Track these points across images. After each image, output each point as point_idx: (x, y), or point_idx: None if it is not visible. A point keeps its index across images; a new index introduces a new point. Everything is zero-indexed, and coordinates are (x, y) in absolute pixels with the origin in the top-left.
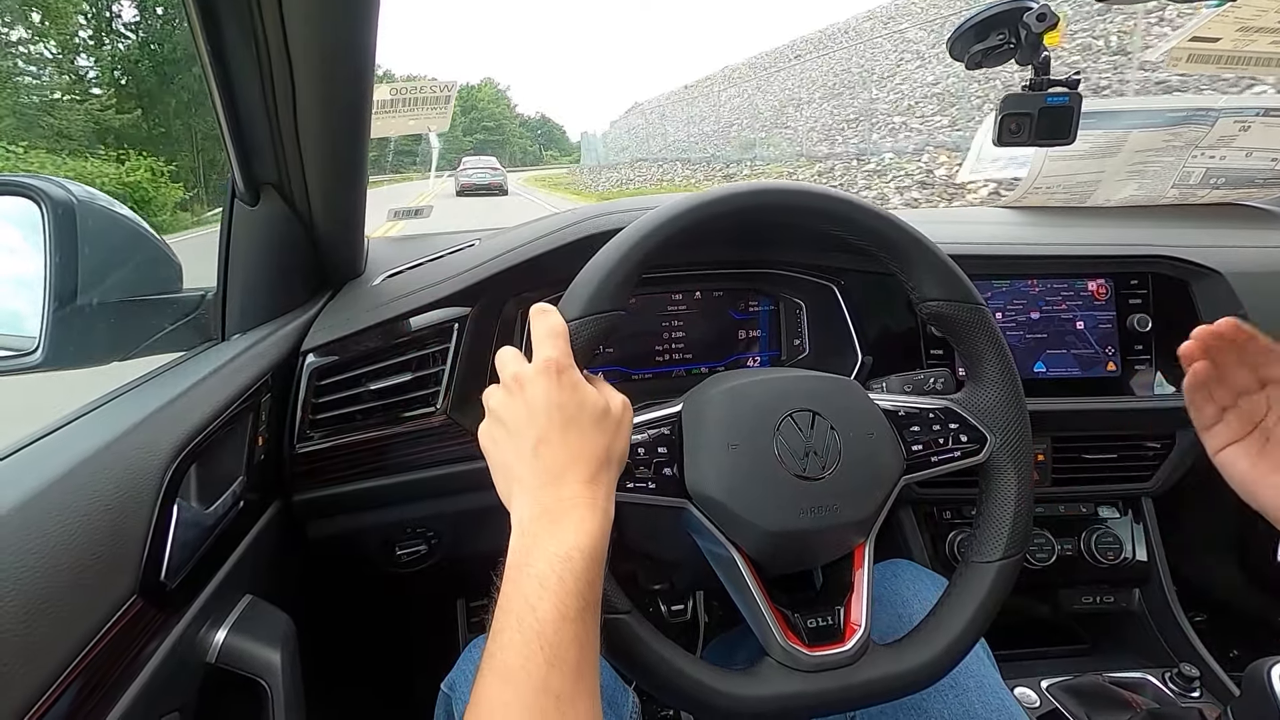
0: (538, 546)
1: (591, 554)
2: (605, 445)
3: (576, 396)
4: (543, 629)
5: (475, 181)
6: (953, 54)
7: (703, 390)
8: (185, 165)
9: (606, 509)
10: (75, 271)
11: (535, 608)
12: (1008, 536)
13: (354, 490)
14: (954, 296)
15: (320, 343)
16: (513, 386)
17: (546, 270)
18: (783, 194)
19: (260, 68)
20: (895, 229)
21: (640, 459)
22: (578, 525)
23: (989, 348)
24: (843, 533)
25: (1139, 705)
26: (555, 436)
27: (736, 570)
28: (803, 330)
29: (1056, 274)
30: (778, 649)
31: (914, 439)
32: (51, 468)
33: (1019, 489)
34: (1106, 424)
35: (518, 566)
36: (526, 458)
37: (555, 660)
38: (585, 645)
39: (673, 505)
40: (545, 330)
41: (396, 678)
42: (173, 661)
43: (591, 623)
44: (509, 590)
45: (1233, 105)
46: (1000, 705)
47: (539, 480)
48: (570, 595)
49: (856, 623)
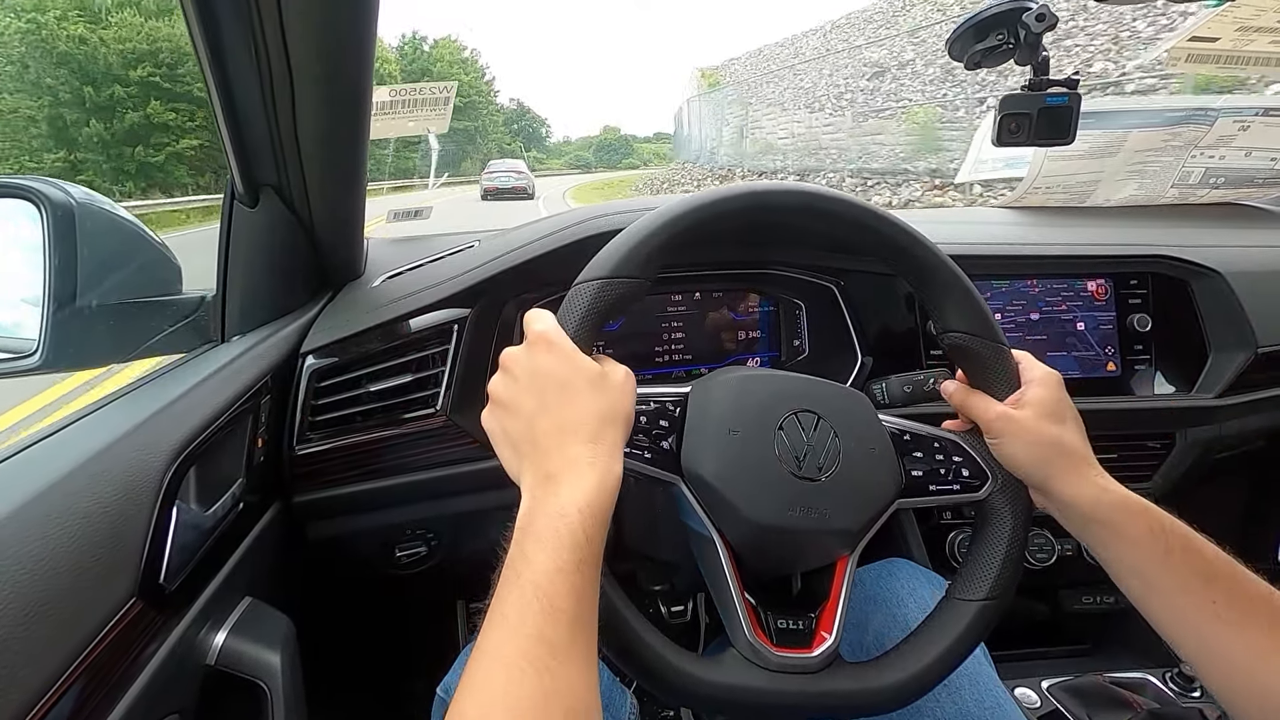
0: (539, 508)
1: (589, 510)
2: (606, 405)
3: (569, 363)
4: (538, 580)
5: (500, 185)
6: (952, 54)
7: (713, 377)
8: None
9: (608, 466)
10: (75, 273)
11: (532, 562)
12: (993, 579)
13: (353, 492)
14: (979, 332)
15: (320, 344)
16: (507, 365)
17: (546, 271)
18: (819, 199)
19: (259, 69)
20: (930, 253)
21: (640, 428)
22: (574, 483)
23: (1005, 390)
24: (828, 539)
25: (1139, 705)
26: (552, 403)
27: (716, 556)
28: (802, 331)
29: (1056, 274)
30: (743, 641)
31: (914, 465)
32: (51, 470)
33: (1013, 534)
34: (1106, 424)
35: (521, 529)
36: (527, 430)
37: (550, 610)
38: (582, 598)
39: (664, 479)
40: (532, 315)
41: (396, 679)
42: (172, 663)
43: (590, 576)
44: (511, 551)
45: (1232, 105)
46: (995, 704)
47: (541, 449)
48: (565, 549)
49: (826, 634)
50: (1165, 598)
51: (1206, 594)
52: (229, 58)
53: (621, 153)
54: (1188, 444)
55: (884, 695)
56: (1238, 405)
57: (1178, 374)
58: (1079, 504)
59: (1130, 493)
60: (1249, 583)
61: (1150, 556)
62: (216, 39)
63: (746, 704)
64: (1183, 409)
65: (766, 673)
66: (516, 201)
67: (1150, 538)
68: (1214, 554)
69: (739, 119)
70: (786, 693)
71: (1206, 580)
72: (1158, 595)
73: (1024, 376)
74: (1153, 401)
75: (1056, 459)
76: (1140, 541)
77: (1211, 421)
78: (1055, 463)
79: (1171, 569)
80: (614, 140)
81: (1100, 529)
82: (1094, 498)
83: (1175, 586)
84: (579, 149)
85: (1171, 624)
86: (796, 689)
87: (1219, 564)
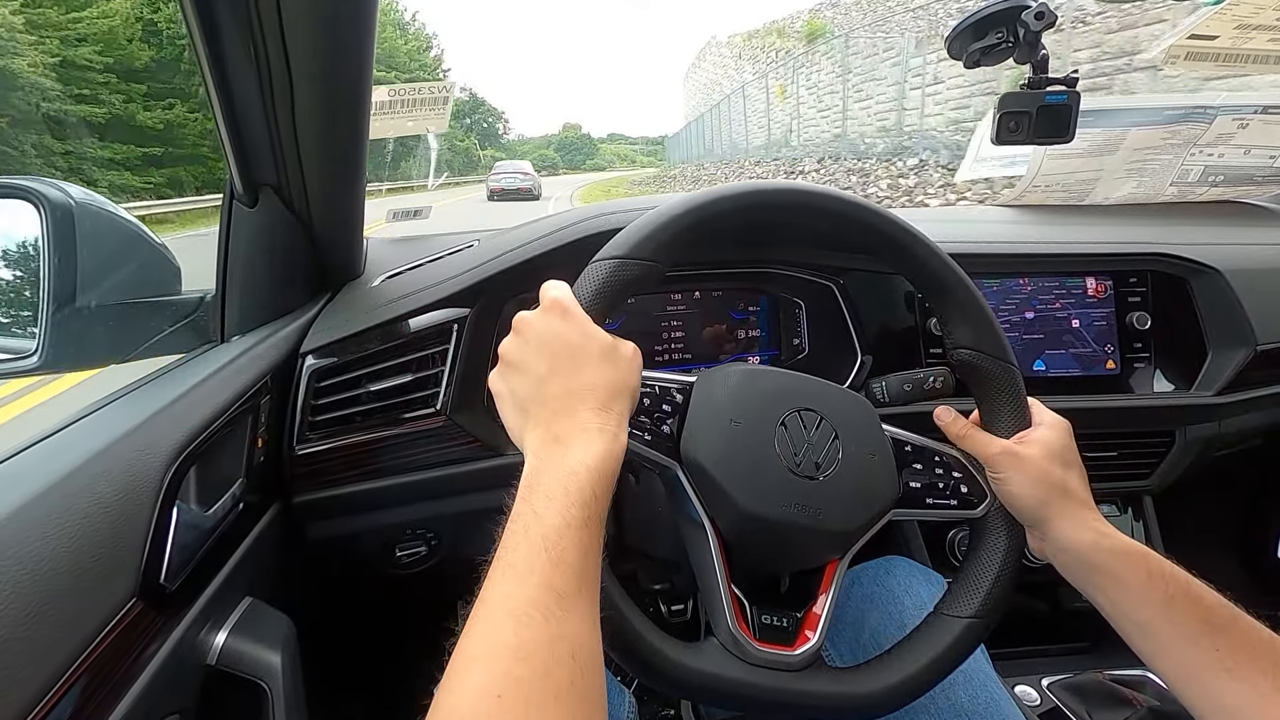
0: (546, 468)
1: (599, 471)
2: (617, 376)
3: (583, 330)
4: (547, 533)
5: (505, 186)
6: (951, 52)
7: (719, 369)
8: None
9: (617, 434)
10: (74, 273)
11: (541, 516)
12: (983, 598)
13: (354, 492)
14: (989, 350)
15: (320, 344)
16: (520, 328)
17: (546, 270)
18: (835, 202)
19: (259, 69)
20: (949, 270)
21: (643, 409)
22: (585, 446)
23: (1009, 408)
24: (820, 539)
25: (1139, 703)
26: (564, 366)
27: (705, 543)
28: (802, 330)
29: (1055, 272)
30: (725, 632)
31: (913, 476)
32: (52, 470)
33: (1006, 555)
34: (1106, 422)
35: (528, 487)
36: (536, 391)
37: (558, 561)
38: (588, 552)
39: (661, 463)
40: (551, 284)
41: (396, 679)
42: (173, 663)
43: (596, 532)
44: (518, 507)
45: (1230, 103)
46: (990, 700)
47: (549, 410)
48: (574, 506)
49: (810, 634)
50: (1167, 645)
51: (1210, 642)
52: (228, 57)
53: (585, 153)
54: (1187, 442)
55: (861, 702)
56: (1237, 403)
57: (1177, 372)
58: (1078, 548)
59: (1129, 539)
60: (1251, 630)
61: (1150, 603)
62: (216, 39)
63: (723, 693)
64: (1182, 407)
65: (746, 665)
66: (522, 202)
67: (1150, 584)
68: (1214, 600)
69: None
70: (764, 687)
71: (1209, 628)
72: (1159, 643)
73: (1034, 419)
74: (1152, 399)
75: (1058, 501)
76: (1140, 589)
77: (1211, 419)
78: (1055, 504)
79: (1173, 617)
80: (575, 139)
81: (1099, 575)
82: (1093, 542)
83: (1177, 634)
84: (539, 147)
85: (1174, 672)
86: (774, 685)
87: (1220, 611)
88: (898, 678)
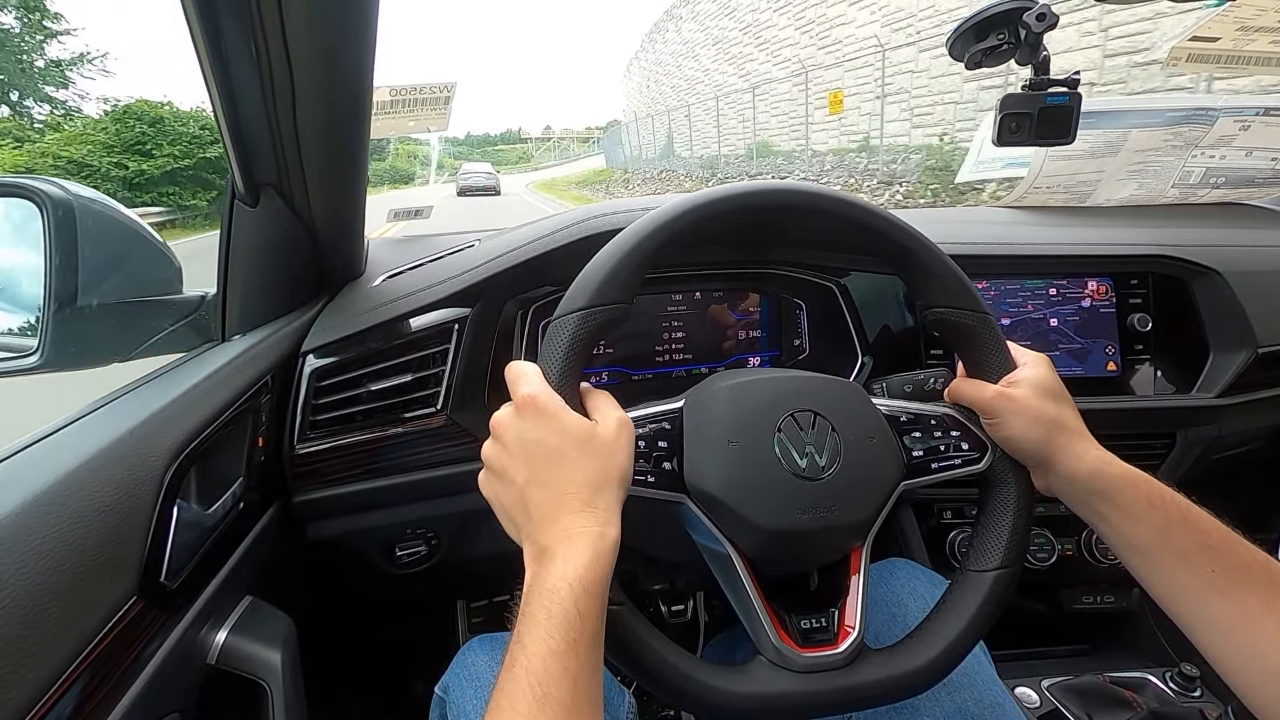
0: (534, 585)
1: (581, 584)
2: (597, 469)
3: (556, 427)
4: (531, 665)
5: (472, 184)
6: (952, 54)
7: (705, 387)
8: None
9: (604, 531)
10: (75, 272)
11: (526, 646)
12: (1005, 546)
13: (354, 491)
14: (961, 305)
15: (320, 344)
16: (497, 432)
17: (546, 270)
18: (793, 194)
19: (260, 69)
20: (906, 234)
21: (640, 452)
22: (567, 556)
23: (992, 355)
24: (839, 534)
25: (1140, 705)
26: (541, 475)
27: (732, 567)
28: (803, 330)
29: (1057, 273)
30: (770, 648)
31: (915, 445)
32: (52, 469)
33: (1019, 500)
34: (1107, 424)
35: (520, 608)
36: (520, 503)
37: (544, 699)
38: (579, 680)
39: (671, 500)
40: (516, 374)
41: (396, 678)
42: (173, 662)
43: (587, 655)
44: (513, 633)
45: (1232, 105)
46: (994, 702)
47: (534, 522)
48: (557, 629)
49: (850, 626)
50: (1163, 567)
51: (1203, 563)
52: (230, 57)
53: (522, 155)
54: (1188, 444)
55: (913, 678)
56: (1238, 405)
57: (1178, 374)
58: (1081, 477)
59: (1130, 466)
60: (1244, 551)
61: (1151, 528)
62: (217, 38)
63: (781, 709)
64: (1183, 409)
65: (796, 675)
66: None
67: (1150, 510)
68: (1211, 524)
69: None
70: (817, 692)
71: (1204, 549)
72: (1156, 565)
73: (1016, 360)
74: (1153, 401)
75: (1057, 435)
76: (1140, 514)
77: (1212, 421)
78: (1056, 439)
79: (1170, 540)
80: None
81: (1101, 502)
82: (1096, 470)
83: (1174, 558)
84: (478, 145)
85: (1169, 594)
86: (826, 688)
87: (1215, 534)
88: (943, 643)
